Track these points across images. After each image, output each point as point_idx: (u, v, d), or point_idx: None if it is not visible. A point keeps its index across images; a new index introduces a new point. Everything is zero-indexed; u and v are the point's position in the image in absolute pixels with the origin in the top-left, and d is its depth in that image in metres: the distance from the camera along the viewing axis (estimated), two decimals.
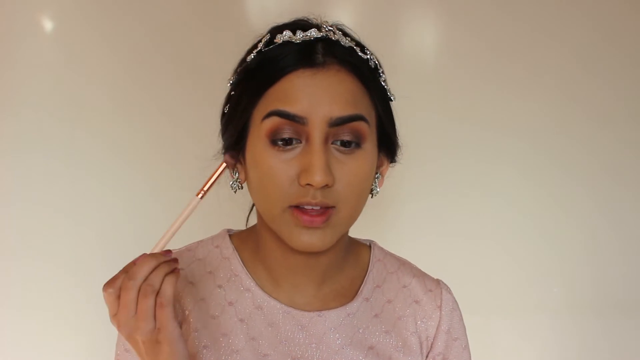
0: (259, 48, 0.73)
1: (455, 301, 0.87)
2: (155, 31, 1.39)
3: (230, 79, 0.78)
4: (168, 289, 0.68)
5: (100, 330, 1.39)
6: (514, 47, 1.53)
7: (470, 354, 0.87)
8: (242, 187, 0.79)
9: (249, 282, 0.80)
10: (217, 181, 0.71)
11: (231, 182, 0.79)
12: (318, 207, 0.70)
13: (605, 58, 1.57)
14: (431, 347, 0.84)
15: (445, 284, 0.88)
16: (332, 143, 0.70)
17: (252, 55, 0.74)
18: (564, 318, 1.59)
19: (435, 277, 0.89)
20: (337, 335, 0.79)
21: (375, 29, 0.77)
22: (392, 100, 0.78)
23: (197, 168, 1.37)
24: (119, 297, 0.68)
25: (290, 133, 0.69)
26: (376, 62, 0.76)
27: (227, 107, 0.77)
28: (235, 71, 0.77)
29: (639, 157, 1.60)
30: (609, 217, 1.60)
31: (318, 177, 0.67)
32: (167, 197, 1.41)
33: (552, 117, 1.55)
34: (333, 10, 0.77)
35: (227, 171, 0.79)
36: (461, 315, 0.87)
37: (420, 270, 0.89)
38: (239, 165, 0.77)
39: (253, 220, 0.85)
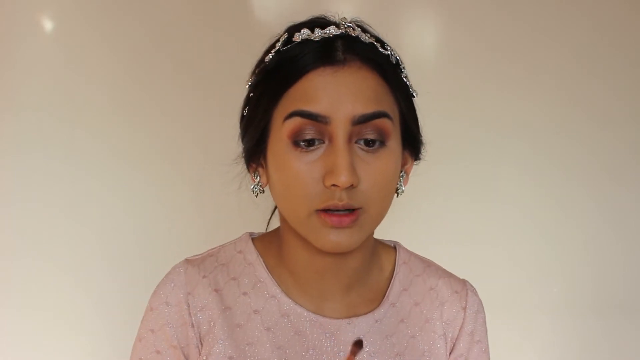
0: (277, 48, 0.71)
1: (481, 303, 0.86)
2: (155, 31, 1.39)
3: (248, 81, 0.76)
4: None
5: (100, 330, 1.39)
6: (514, 47, 1.53)
7: (488, 352, 0.86)
8: (263, 191, 0.77)
9: (274, 288, 0.78)
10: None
11: (252, 186, 0.77)
12: (344, 210, 0.68)
13: (605, 58, 1.57)
14: (453, 348, 0.83)
15: (471, 285, 0.87)
16: (355, 142, 0.68)
17: (270, 56, 0.72)
18: (564, 318, 1.59)
19: (461, 278, 0.87)
20: (366, 342, 0.77)
21: (375, 28, 0.77)
22: (414, 97, 0.77)
23: (196, 168, 1.38)
24: None
25: (312, 134, 0.67)
26: (397, 57, 0.74)
27: (246, 109, 0.75)
28: (254, 72, 0.75)
29: (639, 157, 1.60)
30: (609, 217, 1.60)
31: (343, 177, 0.65)
32: (167, 197, 1.41)
33: (552, 117, 1.55)
34: (333, 10, 0.76)
35: (249, 175, 0.78)
36: (485, 318, 0.86)
37: (446, 271, 0.87)
38: (260, 169, 0.76)
39: (274, 224, 0.84)
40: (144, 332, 0.78)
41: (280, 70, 0.70)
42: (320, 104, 0.67)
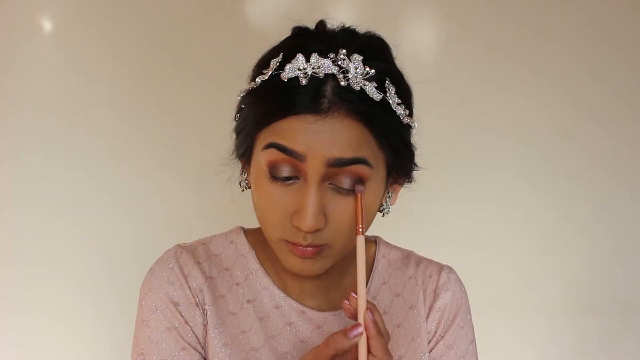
0: (271, 70, 0.69)
1: (458, 282, 0.86)
2: (156, 31, 1.39)
3: (249, 80, 0.75)
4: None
5: (100, 330, 1.39)
6: (514, 47, 1.53)
7: (472, 338, 0.86)
8: (249, 187, 0.78)
9: (266, 280, 0.80)
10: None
11: (240, 181, 0.79)
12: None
13: (605, 58, 1.57)
14: (426, 323, 0.84)
15: (448, 268, 0.87)
16: (329, 184, 0.69)
17: (262, 78, 0.70)
18: (563, 318, 1.59)
19: (444, 264, 0.88)
20: None
21: (374, 29, 0.77)
22: (412, 128, 0.75)
23: (196, 168, 1.38)
24: None
25: (288, 171, 0.68)
26: (394, 96, 0.70)
27: (237, 116, 0.75)
28: (251, 81, 0.73)
29: (639, 157, 1.60)
30: (608, 217, 1.60)
31: (308, 222, 0.67)
32: (168, 197, 1.41)
33: (552, 118, 1.55)
34: (332, 11, 0.76)
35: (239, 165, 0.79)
36: (462, 296, 0.86)
37: (425, 259, 0.89)
38: (247, 168, 0.77)
39: None
40: (148, 314, 0.76)
41: (265, 101, 0.70)
42: (297, 143, 0.67)
